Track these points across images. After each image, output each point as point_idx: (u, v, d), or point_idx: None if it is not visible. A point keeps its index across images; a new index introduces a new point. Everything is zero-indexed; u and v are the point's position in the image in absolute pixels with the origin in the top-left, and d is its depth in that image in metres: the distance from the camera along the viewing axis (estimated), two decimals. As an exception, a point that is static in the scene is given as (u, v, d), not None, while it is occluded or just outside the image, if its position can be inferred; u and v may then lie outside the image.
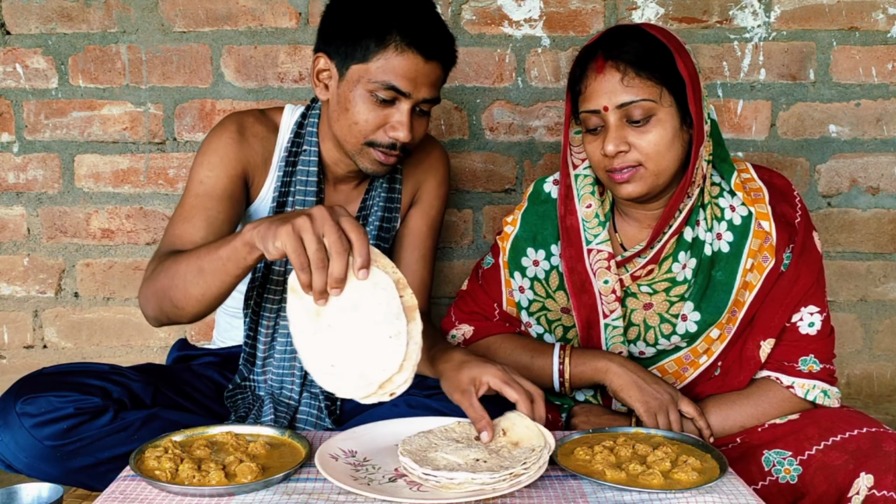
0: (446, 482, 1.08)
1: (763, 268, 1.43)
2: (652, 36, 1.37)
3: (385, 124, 1.41)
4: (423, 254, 1.66)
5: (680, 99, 1.37)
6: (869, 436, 1.30)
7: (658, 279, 1.47)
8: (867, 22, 1.95)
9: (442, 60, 1.42)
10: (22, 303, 2.08)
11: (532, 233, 1.55)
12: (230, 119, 1.53)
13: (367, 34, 1.38)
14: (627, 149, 1.36)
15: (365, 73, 1.39)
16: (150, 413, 1.37)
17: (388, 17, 1.37)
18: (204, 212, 1.44)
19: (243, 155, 1.50)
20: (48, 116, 2.02)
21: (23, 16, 1.98)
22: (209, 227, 1.42)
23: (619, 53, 1.35)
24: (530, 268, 1.54)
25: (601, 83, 1.36)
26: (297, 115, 1.57)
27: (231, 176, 1.48)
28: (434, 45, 1.39)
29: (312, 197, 1.51)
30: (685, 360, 1.49)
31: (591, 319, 1.48)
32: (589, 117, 1.39)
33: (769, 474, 1.36)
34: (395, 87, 1.37)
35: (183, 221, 1.44)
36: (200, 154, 1.50)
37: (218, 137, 1.50)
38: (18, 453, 1.28)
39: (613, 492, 1.09)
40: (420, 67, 1.38)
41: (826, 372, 1.44)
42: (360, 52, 1.38)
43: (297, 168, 1.52)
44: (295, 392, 1.52)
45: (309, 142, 1.53)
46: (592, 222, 1.49)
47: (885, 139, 1.99)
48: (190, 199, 1.46)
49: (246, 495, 1.08)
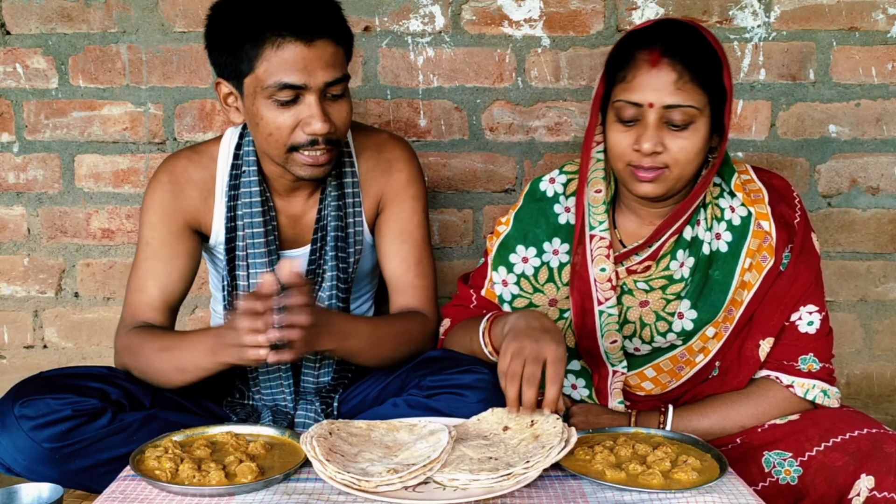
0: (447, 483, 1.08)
1: (762, 267, 1.43)
2: (707, 41, 1.34)
3: (299, 123, 1.35)
4: (403, 258, 1.57)
5: (715, 109, 1.36)
6: (869, 437, 1.30)
7: (655, 276, 1.47)
8: (867, 22, 1.95)
9: (330, 36, 1.34)
10: (22, 303, 2.08)
11: (524, 231, 1.54)
12: (162, 170, 1.54)
13: (242, 41, 1.33)
14: (662, 150, 1.33)
15: (256, 82, 1.34)
16: (149, 414, 1.37)
17: (254, 15, 1.32)
18: (156, 278, 1.50)
19: (180, 206, 1.52)
20: (48, 116, 2.02)
21: (23, 16, 1.98)
22: (162, 292, 1.51)
23: (677, 52, 1.31)
24: (518, 264, 1.54)
25: (653, 78, 1.31)
26: (236, 138, 1.53)
27: (173, 231, 1.51)
28: (313, 25, 1.31)
29: (259, 215, 1.48)
30: (681, 358, 1.49)
31: (585, 306, 1.48)
32: (627, 108, 1.34)
33: (769, 475, 1.36)
34: (288, 83, 1.31)
35: (139, 292, 1.51)
36: (142, 212, 1.54)
37: (153, 193, 1.52)
38: (17, 456, 1.28)
39: (613, 492, 1.10)
40: (305, 54, 1.31)
41: (825, 371, 1.44)
42: (245, 62, 1.34)
43: (240, 194, 1.49)
44: (290, 403, 1.53)
45: (247, 163, 1.49)
46: (599, 208, 1.48)
47: (885, 139, 1.99)
48: (140, 263, 1.52)
49: (246, 495, 1.08)
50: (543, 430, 1.18)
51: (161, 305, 1.51)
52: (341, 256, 1.52)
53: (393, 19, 1.96)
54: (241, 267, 1.50)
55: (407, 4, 1.96)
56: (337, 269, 1.52)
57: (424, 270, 1.59)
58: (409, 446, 1.18)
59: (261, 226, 1.48)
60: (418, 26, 1.96)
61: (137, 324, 1.48)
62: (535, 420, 1.21)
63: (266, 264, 1.49)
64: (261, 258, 1.49)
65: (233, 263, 1.50)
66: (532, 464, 1.09)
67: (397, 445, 1.20)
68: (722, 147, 1.39)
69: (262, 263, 1.49)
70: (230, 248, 1.50)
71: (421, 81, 1.99)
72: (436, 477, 1.09)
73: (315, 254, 1.53)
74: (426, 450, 1.14)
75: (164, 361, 1.40)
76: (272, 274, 1.23)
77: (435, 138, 2.01)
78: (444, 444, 1.13)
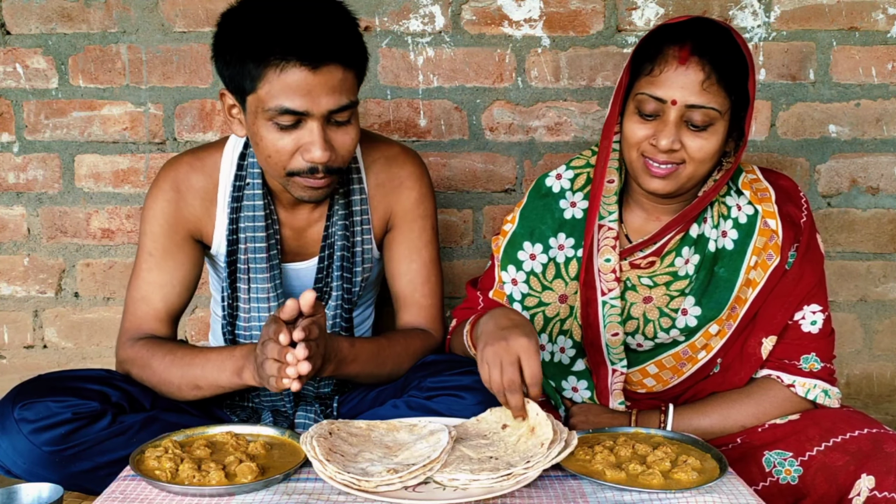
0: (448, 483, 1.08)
1: (767, 266, 1.43)
2: (737, 44, 1.33)
3: (299, 148, 1.29)
4: (410, 279, 1.55)
5: (735, 113, 1.36)
6: (870, 437, 1.30)
7: (659, 272, 1.47)
8: (867, 22, 1.95)
9: (338, 61, 1.26)
10: (22, 303, 2.08)
11: (530, 227, 1.54)
12: (163, 176, 1.50)
13: (246, 58, 1.25)
14: (679, 148, 1.34)
15: (258, 103, 1.27)
16: (149, 416, 1.37)
17: (259, 33, 1.24)
18: (159, 290, 1.48)
19: (182, 215, 1.49)
20: (48, 116, 2.02)
21: (23, 16, 1.98)
22: (166, 303, 1.49)
23: (707, 51, 1.30)
24: (527, 262, 1.54)
25: (680, 75, 1.31)
26: (240, 147, 1.49)
27: (176, 242, 1.49)
28: (319, 50, 1.23)
29: (262, 228, 1.45)
30: (683, 355, 1.50)
31: (589, 296, 1.48)
32: (649, 101, 1.34)
33: (770, 475, 1.36)
34: (289, 109, 1.25)
35: (142, 302, 1.49)
36: (143, 220, 1.50)
37: (154, 202, 1.49)
38: (17, 459, 1.28)
39: (613, 492, 1.10)
40: (310, 79, 1.23)
41: (827, 371, 1.44)
42: (248, 80, 1.26)
43: (243, 206, 1.46)
44: (289, 408, 1.52)
45: (251, 174, 1.45)
46: (610, 199, 1.48)
47: (885, 139, 1.99)
48: (143, 273, 1.49)
49: (246, 495, 1.08)
50: (537, 422, 1.19)
51: (165, 316, 1.50)
52: (346, 276, 1.50)
53: (393, 19, 1.96)
54: (242, 279, 1.48)
55: (407, 4, 1.96)
56: (342, 289, 1.50)
57: (432, 289, 1.57)
58: (409, 446, 1.18)
59: (263, 240, 1.45)
60: (418, 26, 1.96)
61: (142, 335, 1.47)
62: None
63: (268, 278, 1.47)
64: (262, 272, 1.46)
65: (234, 276, 1.48)
66: (532, 464, 1.09)
67: (397, 445, 1.20)
68: (739, 153, 1.39)
69: (264, 277, 1.47)
70: (231, 259, 1.48)
71: (421, 81, 1.99)
72: (436, 477, 1.09)
73: (322, 271, 1.51)
74: (426, 450, 1.14)
75: (177, 377, 1.39)
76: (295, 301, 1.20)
77: (435, 138, 2.01)
78: (444, 444, 1.13)
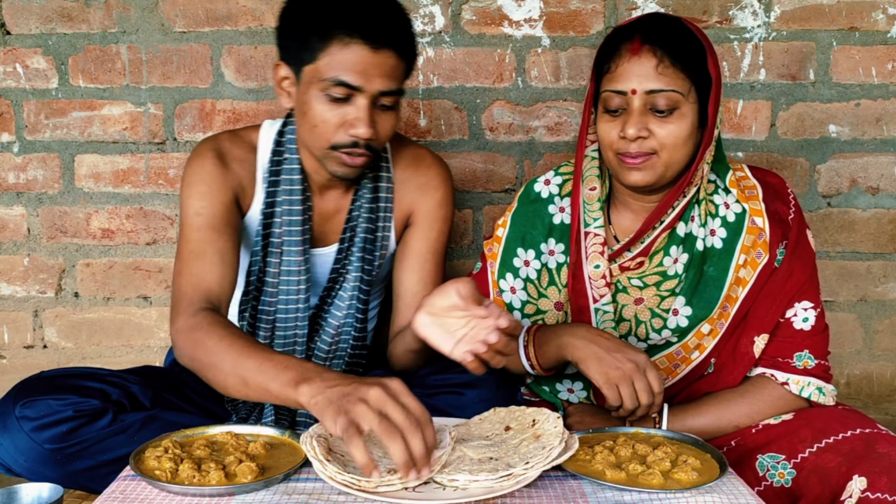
0: (447, 483, 1.08)
1: (756, 264, 1.43)
2: (689, 30, 1.36)
3: (344, 123, 1.37)
4: (422, 276, 1.58)
5: (701, 99, 1.37)
6: (862, 437, 1.29)
7: (648, 272, 1.47)
8: (867, 22, 1.95)
9: (395, 48, 1.35)
10: (22, 303, 2.08)
11: (521, 233, 1.55)
12: (206, 147, 1.51)
13: (312, 32, 1.34)
14: (647, 135, 1.35)
15: (315, 73, 1.35)
16: (150, 414, 1.37)
17: (329, 10, 1.34)
18: (212, 245, 1.44)
19: (228, 179, 1.49)
20: (48, 116, 2.02)
21: (23, 16, 1.98)
22: (223, 261, 1.43)
23: (657, 39, 1.34)
24: (522, 268, 1.54)
25: (634, 65, 1.34)
26: (277, 128, 1.54)
27: (223, 202, 1.47)
28: (382, 34, 1.33)
29: (298, 207, 1.49)
30: (676, 355, 1.50)
31: (580, 304, 1.48)
32: (612, 97, 1.37)
33: (764, 479, 1.35)
34: (344, 82, 1.33)
35: (197, 259, 1.42)
36: (187, 186, 1.48)
37: (200, 167, 1.48)
38: (18, 457, 1.28)
39: (613, 492, 1.10)
40: (368, 58, 1.33)
41: (821, 368, 1.44)
42: (309, 52, 1.35)
43: (281, 181, 1.50)
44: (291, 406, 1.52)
45: (290, 150, 1.50)
46: (594, 206, 1.49)
47: (885, 139, 1.99)
48: (193, 233, 1.44)
49: (246, 495, 1.08)
50: (544, 431, 1.18)
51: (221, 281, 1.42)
52: (367, 258, 1.54)
53: (393, 19, 1.96)
54: (273, 254, 1.50)
55: (407, 4, 1.95)
56: (361, 271, 1.53)
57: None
58: None
59: (299, 222, 1.49)
60: (418, 26, 1.96)
61: (203, 305, 1.37)
62: (537, 420, 1.21)
63: (301, 261, 1.50)
64: (296, 255, 1.50)
65: (266, 250, 1.51)
66: (532, 464, 1.09)
67: None
68: (707, 134, 1.39)
69: (297, 260, 1.50)
70: (266, 234, 1.50)
71: (421, 81, 1.99)
72: (436, 477, 1.09)
73: (342, 252, 1.54)
74: None
75: (229, 365, 1.25)
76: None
77: (435, 138, 2.01)
78: (444, 445, 1.13)
